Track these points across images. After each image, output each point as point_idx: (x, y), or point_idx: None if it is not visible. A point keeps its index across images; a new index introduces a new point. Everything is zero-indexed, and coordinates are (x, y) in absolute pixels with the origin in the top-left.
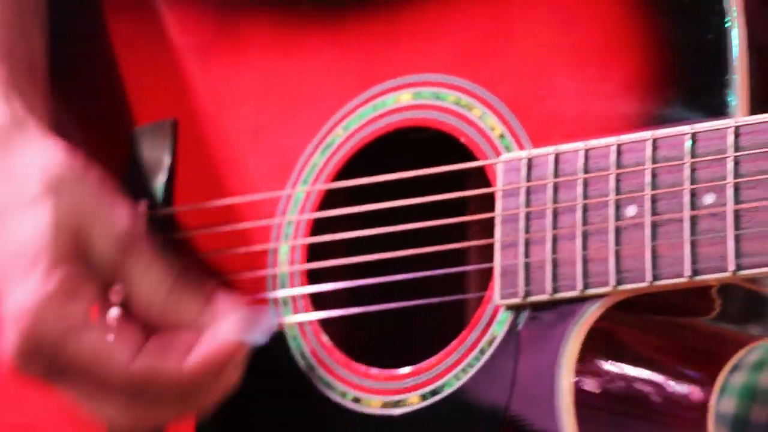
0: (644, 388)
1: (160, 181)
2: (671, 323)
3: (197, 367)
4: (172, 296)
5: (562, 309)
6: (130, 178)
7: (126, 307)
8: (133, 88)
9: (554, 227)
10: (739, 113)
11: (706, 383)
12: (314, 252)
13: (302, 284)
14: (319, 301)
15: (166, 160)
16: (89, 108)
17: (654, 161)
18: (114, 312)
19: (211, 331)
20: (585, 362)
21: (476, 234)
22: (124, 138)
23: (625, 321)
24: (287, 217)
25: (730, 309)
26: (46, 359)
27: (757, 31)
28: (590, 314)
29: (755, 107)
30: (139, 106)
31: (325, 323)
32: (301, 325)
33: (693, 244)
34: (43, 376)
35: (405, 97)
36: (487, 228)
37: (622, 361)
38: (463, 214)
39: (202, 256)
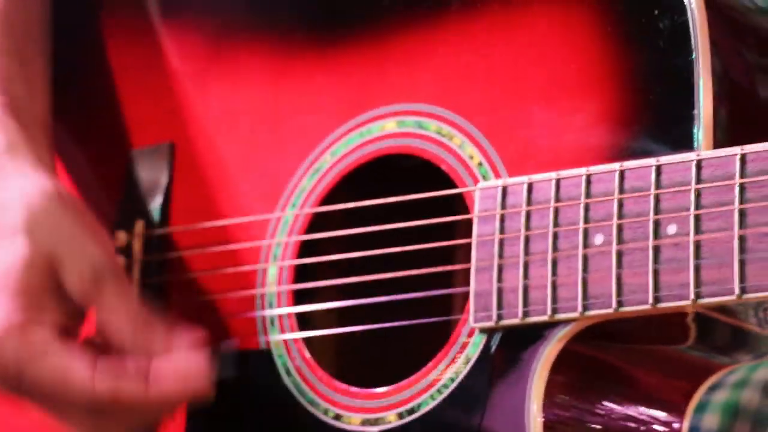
0: (611, 415)
1: (157, 202)
2: (644, 351)
3: (160, 389)
4: (141, 329)
5: (533, 333)
6: (128, 199)
7: (98, 335)
8: (133, 111)
9: (526, 253)
10: (704, 146)
11: (678, 412)
12: (301, 273)
13: (289, 304)
14: (304, 321)
15: (163, 182)
16: (90, 130)
17: (621, 191)
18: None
19: (178, 357)
20: (554, 388)
21: (463, 257)
22: (123, 160)
23: (596, 348)
24: (276, 239)
25: (704, 338)
26: (11, 381)
27: (722, 66)
28: (558, 339)
29: (720, 140)
30: (138, 128)
31: (309, 342)
32: (286, 343)
33: (656, 273)
34: (13, 394)
35: (390, 126)
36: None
37: (590, 389)
38: (452, 237)
39: (194, 275)
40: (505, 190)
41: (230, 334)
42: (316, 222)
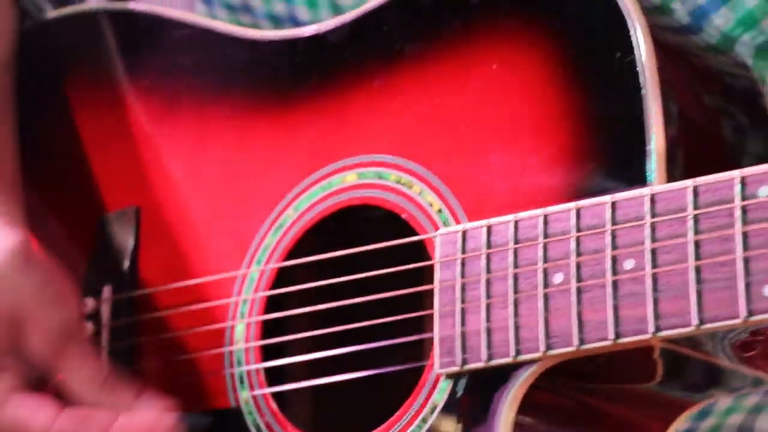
0: None
1: (124, 266)
2: (612, 389)
3: None
4: (106, 392)
5: (499, 375)
6: (96, 264)
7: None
8: (100, 176)
9: (488, 296)
10: (657, 181)
11: None
12: (269, 329)
13: (258, 361)
14: (275, 376)
15: (130, 246)
16: (58, 197)
17: (578, 230)
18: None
19: (144, 414)
20: (520, 430)
21: (430, 303)
22: (91, 225)
23: (562, 387)
24: (242, 297)
25: (674, 375)
26: None
27: (672, 102)
28: (524, 380)
29: (673, 174)
30: (106, 193)
31: (279, 396)
32: (255, 399)
33: (615, 308)
34: None
35: (350, 178)
36: None
37: (558, 429)
38: (421, 284)
39: (164, 336)
40: (464, 234)
41: (200, 393)
42: (282, 277)
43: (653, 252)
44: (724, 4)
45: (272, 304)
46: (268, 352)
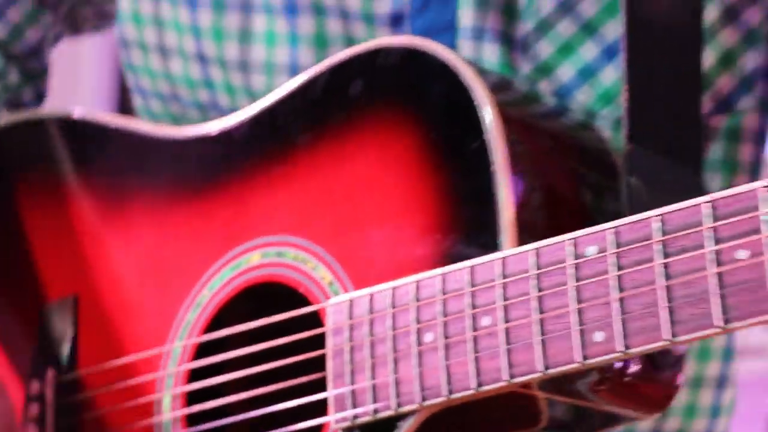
0: None
1: (65, 351)
2: None
3: None
4: None
5: (386, 427)
6: (40, 350)
7: None
8: (43, 267)
9: (372, 357)
10: (508, 246)
11: None
12: (193, 398)
13: (183, 428)
14: None
15: (69, 333)
16: (5, 288)
17: (444, 293)
18: None
19: None
20: None
21: None
22: (35, 314)
23: None
24: (168, 371)
25: (554, 420)
26: None
27: (523, 176)
28: (406, 429)
29: (524, 240)
30: (49, 283)
31: None
32: None
33: (476, 360)
34: None
35: (255, 258)
36: None
37: None
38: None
39: (102, 412)
40: (351, 303)
41: None
42: (201, 350)
43: (505, 309)
44: (585, 81)
45: (194, 375)
46: (192, 420)
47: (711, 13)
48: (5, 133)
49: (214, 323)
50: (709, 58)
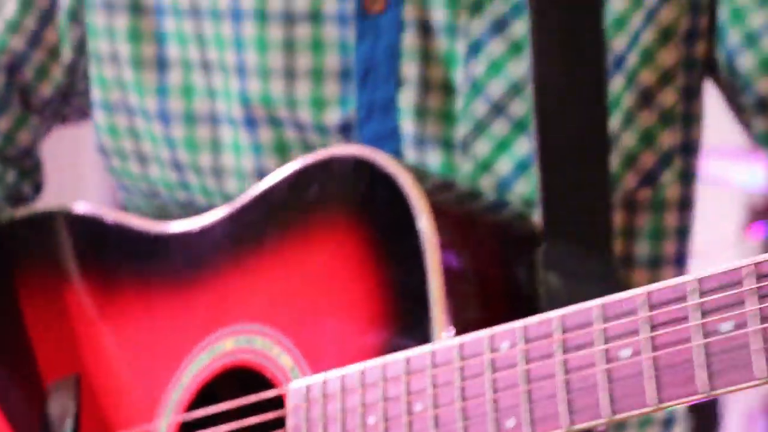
0: None
1: (68, 427)
2: None
3: None
4: None
5: None
6: (47, 426)
7: None
8: (45, 349)
9: None
10: (437, 338)
11: None
12: None
13: None
14: None
15: (73, 409)
16: (9, 368)
17: (384, 381)
18: None
19: None
20: None
21: None
22: (40, 392)
23: None
24: None
25: None
26: None
27: (451, 275)
28: None
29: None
30: (51, 363)
31: None
32: None
33: None
34: None
35: (229, 344)
36: None
37: None
38: None
39: None
40: (308, 387)
41: None
42: (184, 428)
43: (434, 396)
44: (521, 173)
45: None
46: None
47: (629, 99)
48: (8, 227)
49: (196, 403)
50: (631, 138)
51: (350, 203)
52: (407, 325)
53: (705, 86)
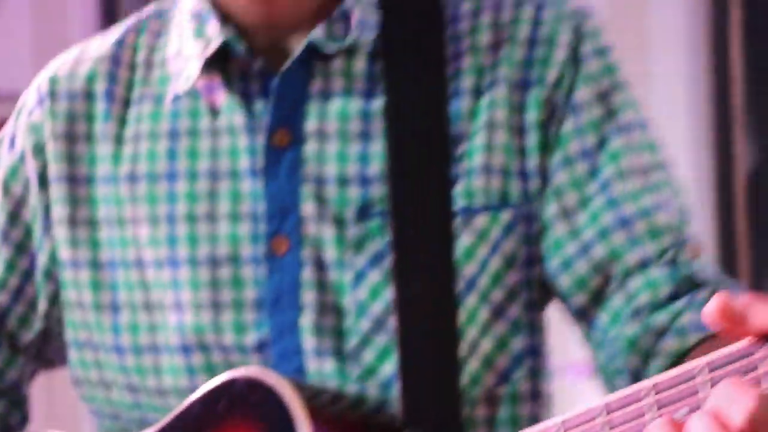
0: None
1: None
2: None
3: None
4: None
5: None
6: None
7: None
8: None
9: None
10: None
11: None
12: None
13: None
14: None
15: None
16: None
17: None
18: None
19: None
20: None
21: None
22: None
23: None
24: None
25: None
26: None
27: None
28: None
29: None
30: None
31: None
32: None
33: None
34: None
35: None
36: None
37: None
38: None
39: None
40: None
41: None
42: None
43: None
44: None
45: None
46: None
47: (483, 313)
48: None
49: None
50: (488, 344)
51: (249, 415)
52: None
53: (547, 299)
